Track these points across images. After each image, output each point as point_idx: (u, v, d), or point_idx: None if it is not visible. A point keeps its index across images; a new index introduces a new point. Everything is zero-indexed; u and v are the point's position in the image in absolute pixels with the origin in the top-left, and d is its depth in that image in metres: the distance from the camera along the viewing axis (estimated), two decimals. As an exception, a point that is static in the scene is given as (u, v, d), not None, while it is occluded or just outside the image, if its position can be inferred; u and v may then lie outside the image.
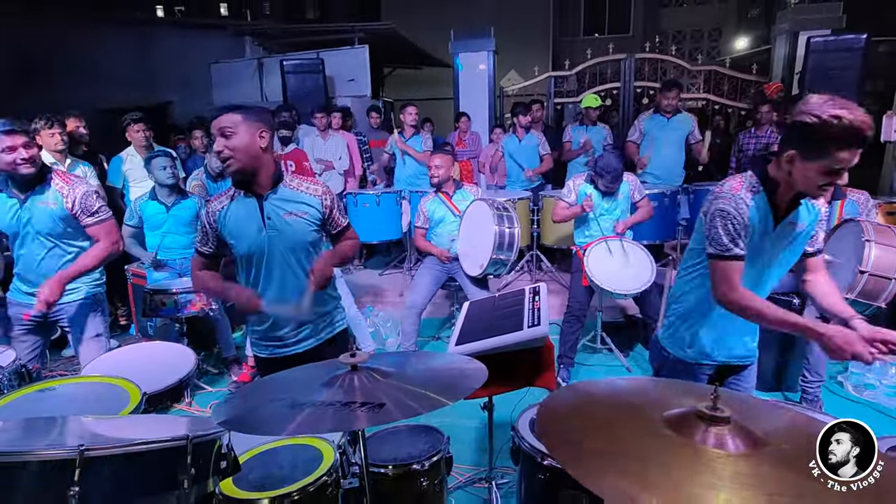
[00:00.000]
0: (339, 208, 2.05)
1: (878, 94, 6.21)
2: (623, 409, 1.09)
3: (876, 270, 2.53)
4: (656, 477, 0.88)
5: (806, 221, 1.66)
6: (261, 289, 1.95)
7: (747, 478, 0.88)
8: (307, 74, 6.88)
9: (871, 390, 3.22)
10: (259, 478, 1.46)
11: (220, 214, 1.92)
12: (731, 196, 1.63)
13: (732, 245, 1.60)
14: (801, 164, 1.47)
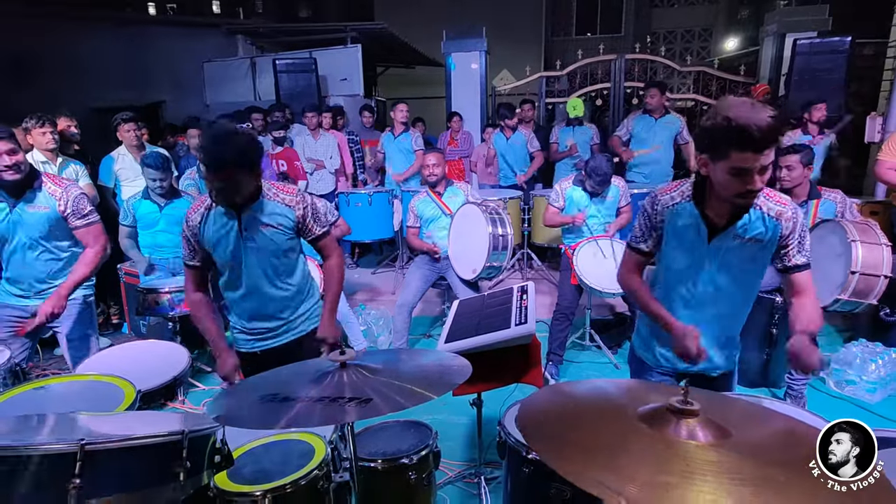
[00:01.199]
0: (315, 215, 2.07)
1: (863, 96, 6.32)
2: (599, 406, 1.14)
3: (865, 269, 2.58)
4: (632, 467, 0.92)
5: (761, 237, 1.58)
6: (247, 293, 2.03)
7: (715, 465, 0.93)
8: (300, 74, 6.90)
9: (851, 386, 3.30)
10: (252, 472, 1.50)
11: (201, 225, 1.97)
12: (654, 197, 1.70)
13: (640, 240, 1.74)
14: (711, 167, 1.48)
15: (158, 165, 3.55)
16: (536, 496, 1.47)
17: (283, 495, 1.43)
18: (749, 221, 1.57)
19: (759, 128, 1.34)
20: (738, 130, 1.35)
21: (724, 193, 1.49)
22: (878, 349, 3.33)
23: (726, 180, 1.45)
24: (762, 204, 1.59)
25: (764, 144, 1.37)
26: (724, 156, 1.42)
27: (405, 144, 5.50)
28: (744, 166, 1.40)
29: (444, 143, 6.38)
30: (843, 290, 2.65)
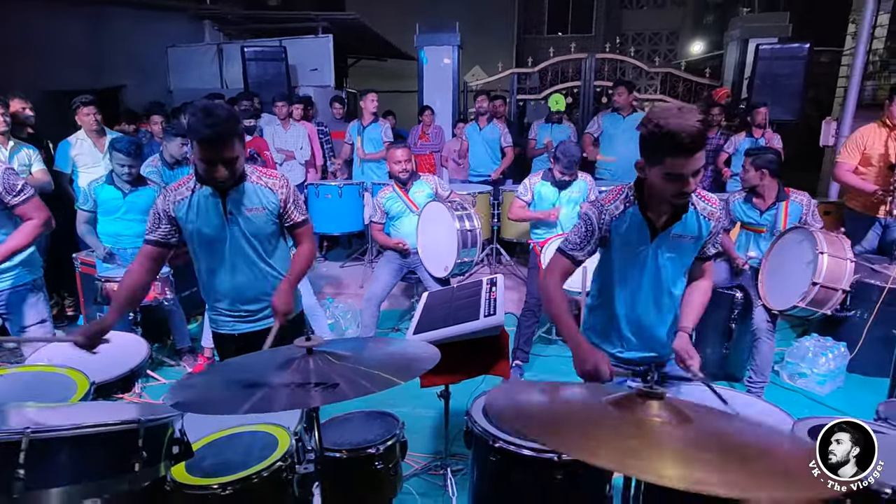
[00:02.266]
0: (296, 202, 2.07)
1: (819, 102, 6.59)
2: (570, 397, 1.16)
3: (826, 282, 2.68)
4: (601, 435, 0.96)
5: (696, 234, 1.71)
6: (219, 275, 2.02)
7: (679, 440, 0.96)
8: (269, 62, 6.74)
9: (803, 378, 3.44)
10: (213, 464, 1.46)
11: (181, 205, 1.94)
12: (600, 205, 1.75)
13: (576, 248, 1.77)
14: (649, 171, 1.57)
15: (130, 151, 3.43)
16: (503, 484, 1.48)
17: (245, 488, 1.40)
18: (686, 221, 1.69)
19: (689, 133, 1.41)
20: (670, 136, 1.43)
21: (662, 195, 1.58)
22: (829, 343, 3.48)
23: (662, 184, 1.54)
24: (696, 203, 1.71)
25: (694, 148, 1.44)
26: (658, 161, 1.51)
27: (374, 135, 5.45)
28: (676, 171, 1.49)
29: (415, 137, 6.35)
30: (802, 298, 2.75)
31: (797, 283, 2.79)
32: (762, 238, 3.18)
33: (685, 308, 1.84)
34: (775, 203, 3.12)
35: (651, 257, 1.74)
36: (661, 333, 1.87)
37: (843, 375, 3.46)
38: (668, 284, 1.79)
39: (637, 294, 1.80)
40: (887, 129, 3.66)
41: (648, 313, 1.82)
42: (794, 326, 4.28)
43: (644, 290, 1.79)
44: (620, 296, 1.83)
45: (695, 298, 1.84)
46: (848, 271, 2.67)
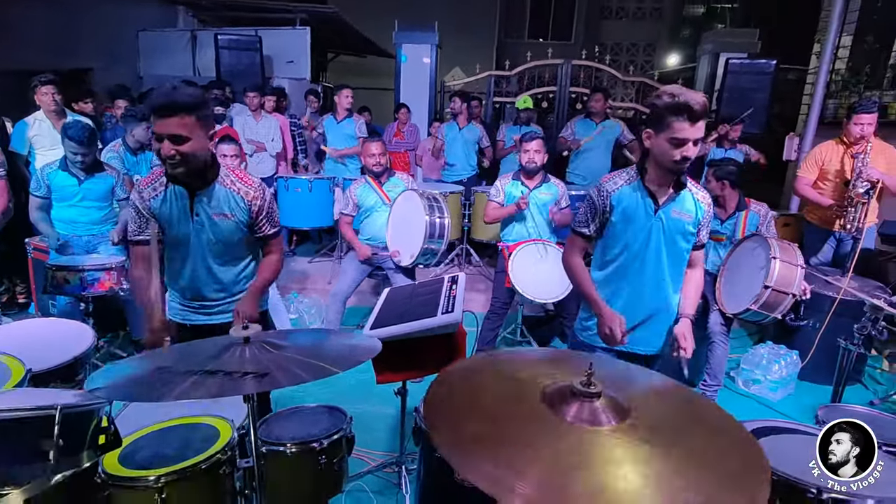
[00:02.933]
0: (270, 214, 2.00)
1: (785, 117, 6.79)
2: (507, 385, 1.15)
3: (777, 286, 2.77)
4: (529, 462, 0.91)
5: (692, 213, 1.90)
6: (184, 271, 1.97)
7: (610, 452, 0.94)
8: (243, 51, 6.63)
9: (757, 385, 3.53)
10: (148, 456, 1.41)
11: (157, 201, 1.88)
12: (599, 185, 1.96)
13: (583, 224, 1.98)
14: (654, 139, 1.76)
15: (82, 140, 3.30)
16: (447, 481, 1.47)
17: (181, 480, 1.35)
18: (684, 199, 1.89)
19: (697, 102, 1.66)
20: (680, 104, 1.66)
21: (664, 160, 1.76)
22: (782, 351, 3.58)
23: (666, 148, 1.73)
24: (692, 188, 1.92)
25: (698, 116, 1.66)
26: (666, 127, 1.71)
27: (348, 130, 5.39)
28: (681, 136, 1.68)
29: (390, 134, 6.31)
30: (754, 301, 2.83)
31: (751, 287, 2.88)
32: (721, 246, 3.27)
33: (684, 295, 2.02)
34: (735, 212, 3.21)
35: (656, 231, 1.89)
36: (662, 309, 2.00)
37: (795, 383, 3.56)
38: (669, 266, 1.93)
39: (642, 269, 1.92)
40: (844, 146, 3.78)
41: (650, 289, 1.95)
42: (751, 334, 4.40)
43: (649, 264, 1.91)
44: (624, 277, 1.96)
45: (691, 286, 2.04)
46: (798, 276, 2.76)
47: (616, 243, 1.94)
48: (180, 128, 1.68)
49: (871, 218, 3.73)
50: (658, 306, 1.98)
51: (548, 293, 3.42)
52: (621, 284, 1.97)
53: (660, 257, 1.91)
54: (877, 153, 3.61)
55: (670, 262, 1.93)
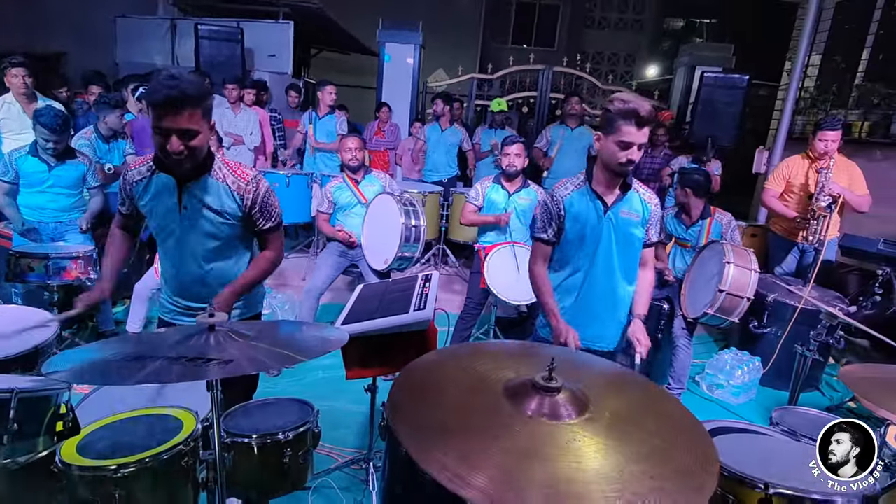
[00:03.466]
0: (265, 207, 1.86)
1: (756, 132, 7.00)
2: (470, 379, 1.17)
3: (732, 290, 2.86)
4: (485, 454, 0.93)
5: (639, 213, 2.01)
6: (172, 265, 1.91)
7: (563, 445, 0.97)
8: (224, 42, 6.53)
9: (720, 389, 3.63)
10: (108, 446, 1.39)
11: (139, 187, 1.82)
12: (552, 191, 2.07)
13: (542, 230, 2.06)
14: (604, 141, 1.89)
15: (55, 127, 3.22)
16: (410, 476, 1.48)
17: (141, 471, 1.34)
18: (631, 199, 2.01)
19: (646, 109, 1.80)
20: (629, 110, 1.79)
21: (611, 162, 1.88)
22: (745, 357, 3.69)
23: (614, 151, 1.85)
24: (638, 188, 2.04)
25: (645, 123, 1.80)
26: (615, 130, 1.83)
27: (329, 126, 5.38)
28: (628, 139, 1.81)
29: (371, 132, 6.30)
30: (710, 305, 2.92)
31: (707, 292, 2.97)
32: (687, 252, 3.38)
33: (636, 297, 2.10)
34: (700, 220, 3.31)
35: (606, 232, 1.99)
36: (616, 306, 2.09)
37: (756, 388, 3.67)
38: (620, 266, 2.02)
39: (596, 268, 2.02)
40: (810, 161, 3.92)
41: (604, 288, 2.04)
42: (716, 340, 4.52)
43: (601, 264, 2.00)
44: (577, 270, 2.06)
45: (643, 287, 2.14)
46: (752, 281, 2.85)
47: (570, 246, 2.04)
48: (190, 122, 1.60)
49: (833, 231, 3.88)
50: (612, 304, 2.08)
51: (522, 295, 3.45)
52: (576, 284, 2.07)
53: (611, 256, 2.01)
54: (840, 169, 3.76)
55: (621, 261, 2.03)
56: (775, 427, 1.70)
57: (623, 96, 1.85)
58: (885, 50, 5.27)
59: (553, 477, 0.90)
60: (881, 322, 3.52)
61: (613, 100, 1.85)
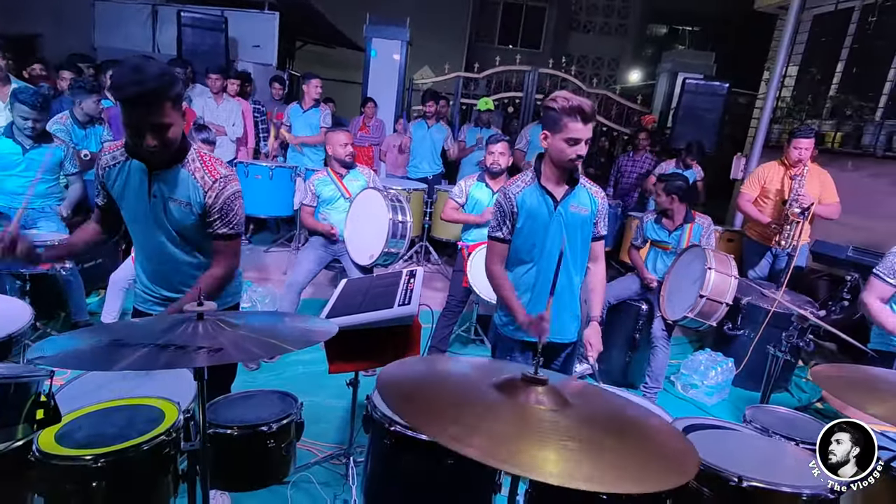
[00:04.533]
0: (224, 213, 1.78)
1: (734, 138, 7.16)
2: (458, 377, 1.19)
3: (712, 295, 2.93)
4: (477, 421, 0.98)
5: (588, 207, 2.08)
6: (144, 254, 1.88)
7: (552, 425, 1.01)
8: (207, 31, 6.42)
9: (694, 389, 3.72)
10: (88, 435, 1.36)
11: (112, 171, 1.77)
12: (505, 189, 2.10)
13: (496, 229, 2.11)
14: (551, 139, 1.94)
15: (35, 104, 3.14)
16: (394, 468, 1.49)
17: (121, 461, 1.32)
18: (579, 194, 2.08)
19: (589, 106, 1.87)
20: (574, 108, 1.85)
21: (561, 159, 1.94)
22: (719, 358, 3.78)
23: (562, 148, 1.92)
24: (585, 184, 2.10)
25: (589, 118, 1.87)
26: (562, 128, 1.89)
27: (313, 119, 5.33)
28: (575, 136, 1.88)
29: (355, 128, 6.26)
30: (691, 309, 2.99)
31: (688, 296, 3.04)
32: (667, 255, 3.44)
33: (591, 296, 2.17)
34: (682, 224, 3.38)
35: (556, 226, 2.04)
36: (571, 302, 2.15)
37: (729, 389, 3.77)
38: (570, 258, 2.08)
39: (547, 263, 2.06)
40: (784, 168, 4.03)
41: (566, 276, 2.09)
42: (691, 341, 4.62)
43: (553, 257, 2.00)
44: (532, 266, 2.10)
45: (596, 285, 2.21)
46: (731, 287, 2.93)
47: (524, 242, 2.09)
48: (160, 116, 1.56)
49: (804, 237, 4.00)
50: (568, 296, 2.14)
51: None
52: (531, 280, 2.12)
53: (562, 256, 2.00)
54: (813, 177, 3.88)
55: (573, 254, 2.09)
56: (748, 424, 1.76)
57: (564, 94, 1.90)
58: (858, 63, 5.44)
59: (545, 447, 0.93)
60: (848, 326, 3.64)
61: (556, 98, 1.89)
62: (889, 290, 2.57)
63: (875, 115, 5.07)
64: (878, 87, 5.13)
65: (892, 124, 4.90)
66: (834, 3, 5.59)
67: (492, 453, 0.88)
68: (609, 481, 0.88)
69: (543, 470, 0.86)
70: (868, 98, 5.14)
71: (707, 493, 1.31)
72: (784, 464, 1.49)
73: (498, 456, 0.87)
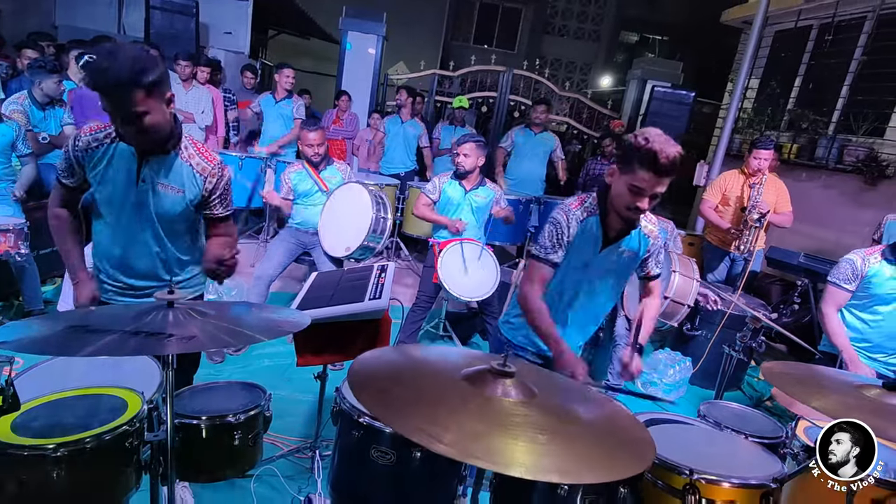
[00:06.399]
0: (224, 196, 1.87)
1: (699, 146, 7.42)
2: (428, 367, 1.21)
3: (676, 297, 3.04)
4: (451, 417, 1.00)
5: (636, 249, 1.85)
6: (117, 241, 1.82)
7: (520, 418, 1.04)
8: (177, 15, 6.24)
9: (654, 387, 3.84)
10: (46, 425, 1.32)
11: (95, 154, 1.72)
12: (568, 210, 1.82)
13: (551, 251, 1.81)
14: (618, 177, 1.68)
15: None
16: (363, 459, 1.51)
17: (81, 451, 1.29)
18: (631, 237, 1.82)
19: (667, 156, 1.55)
20: (652, 153, 1.55)
21: (618, 203, 1.69)
22: (678, 357, 3.92)
23: (624, 193, 1.65)
24: (641, 222, 1.83)
25: (664, 171, 1.57)
26: (631, 171, 1.61)
27: (286, 111, 5.26)
28: (642, 185, 1.60)
29: (328, 121, 6.21)
30: None
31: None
32: (632, 257, 3.54)
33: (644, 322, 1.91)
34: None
35: (596, 266, 1.84)
36: (587, 334, 2.03)
37: (686, 386, 3.91)
38: (603, 295, 1.91)
39: (577, 297, 1.89)
40: (745, 176, 4.21)
41: (584, 316, 1.94)
42: (653, 340, 4.77)
43: (582, 295, 1.88)
44: (561, 303, 1.90)
45: (649, 316, 1.95)
46: (693, 289, 3.05)
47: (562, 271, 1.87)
48: (136, 104, 1.54)
49: (760, 244, 4.19)
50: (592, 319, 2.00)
51: (474, 292, 3.52)
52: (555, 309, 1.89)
53: (594, 292, 1.90)
54: (770, 186, 4.07)
55: (605, 296, 1.93)
56: (703, 419, 1.85)
57: (650, 132, 1.60)
58: (814, 79, 5.72)
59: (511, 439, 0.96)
60: (797, 328, 3.84)
61: (639, 133, 1.61)
62: (846, 296, 2.68)
63: (828, 130, 5.34)
64: (831, 103, 5.41)
65: (843, 139, 5.18)
66: (794, 21, 5.85)
67: (465, 450, 0.89)
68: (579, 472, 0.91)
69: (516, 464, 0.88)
70: (822, 113, 5.41)
71: (661, 485, 1.38)
72: (734, 456, 1.58)
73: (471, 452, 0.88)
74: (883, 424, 1.04)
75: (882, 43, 5.01)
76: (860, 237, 4.47)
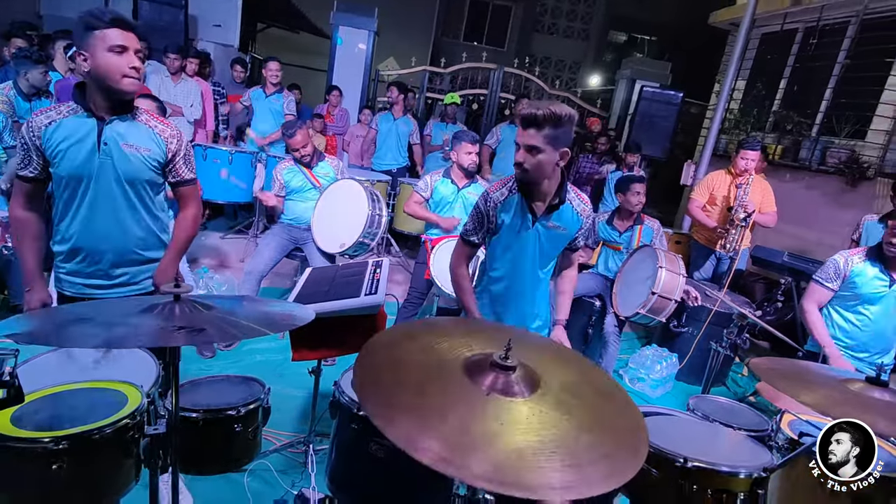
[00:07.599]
0: (187, 158, 1.93)
1: (686, 146, 7.52)
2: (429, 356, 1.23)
3: (663, 293, 3.10)
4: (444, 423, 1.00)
5: (569, 226, 2.02)
6: (75, 218, 1.79)
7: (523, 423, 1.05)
8: (165, 6, 6.15)
9: (641, 383, 3.91)
10: (47, 417, 1.33)
11: (48, 130, 1.70)
12: (489, 194, 2.04)
13: (471, 232, 2.08)
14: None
15: None
16: (359, 452, 1.53)
17: (83, 444, 1.29)
18: (562, 212, 1.98)
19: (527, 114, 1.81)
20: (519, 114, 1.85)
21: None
22: (665, 354, 3.99)
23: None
24: (572, 200, 2.01)
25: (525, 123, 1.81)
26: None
27: (276, 106, 5.23)
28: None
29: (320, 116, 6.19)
30: (642, 305, 3.15)
31: (640, 293, 3.21)
32: (618, 255, 3.62)
33: (559, 299, 2.19)
34: (632, 226, 3.56)
35: (531, 240, 2.00)
36: (531, 308, 2.17)
37: (673, 382, 3.99)
38: (541, 266, 2.09)
39: (517, 272, 2.07)
40: (731, 176, 4.29)
41: (524, 290, 2.11)
42: (640, 337, 4.85)
43: (522, 269, 2.05)
44: (504, 274, 2.10)
45: (566, 288, 2.23)
46: (680, 285, 3.11)
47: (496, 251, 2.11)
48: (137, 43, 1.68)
49: (745, 243, 4.27)
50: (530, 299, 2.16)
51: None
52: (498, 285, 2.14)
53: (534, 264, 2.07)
54: (756, 186, 4.15)
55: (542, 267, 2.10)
56: (691, 412, 1.90)
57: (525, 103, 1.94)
58: (798, 82, 5.83)
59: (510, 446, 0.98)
60: (780, 326, 3.93)
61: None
62: (828, 294, 2.81)
63: (812, 132, 5.45)
64: (815, 106, 5.52)
65: (826, 140, 5.29)
66: (780, 24, 5.96)
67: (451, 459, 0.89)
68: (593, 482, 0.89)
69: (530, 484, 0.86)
70: (806, 115, 5.52)
71: (655, 473, 1.42)
72: (723, 446, 1.63)
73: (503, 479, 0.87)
74: (871, 419, 1.08)
75: (865, 47, 5.12)
76: (841, 237, 4.58)
